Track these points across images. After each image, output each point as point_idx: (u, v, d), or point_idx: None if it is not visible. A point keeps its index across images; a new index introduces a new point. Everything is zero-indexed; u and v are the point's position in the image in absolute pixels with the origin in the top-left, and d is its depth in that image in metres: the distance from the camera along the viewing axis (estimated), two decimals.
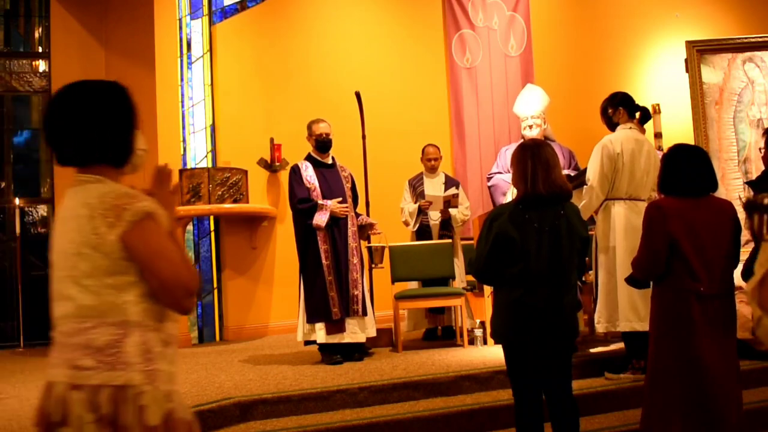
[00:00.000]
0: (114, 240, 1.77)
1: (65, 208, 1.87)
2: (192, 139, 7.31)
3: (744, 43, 6.99)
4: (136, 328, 1.80)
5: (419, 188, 6.45)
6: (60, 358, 1.80)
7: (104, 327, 1.78)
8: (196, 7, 7.43)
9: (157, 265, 1.79)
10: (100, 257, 1.78)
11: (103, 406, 1.74)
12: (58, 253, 1.86)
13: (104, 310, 1.79)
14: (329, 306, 5.20)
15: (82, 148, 1.87)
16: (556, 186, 3.14)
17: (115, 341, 1.77)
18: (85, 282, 1.79)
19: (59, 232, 1.87)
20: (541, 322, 3.12)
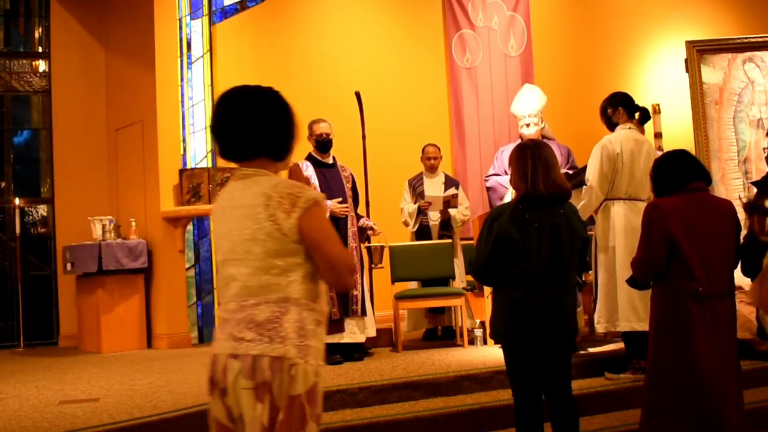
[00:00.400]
0: (291, 225, 1.98)
1: (233, 198, 2.07)
2: (192, 139, 7.30)
3: (744, 43, 6.99)
4: (294, 306, 2.01)
5: (419, 188, 6.45)
6: (224, 333, 2.01)
7: (266, 304, 1.98)
8: (196, 7, 7.43)
9: (326, 245, 2.00)
10: (273, 241, 1.99)
11: (261, 374, 1.93)
12: (226, 238, 2.07)
13: (269, 289, 1.99)
14: (328, 306, 5.19)
15: (249, 144, 2.10)
16: (556, 186, 3.14)
17: (275, 317, 1.97)
18: (256, 264, 2.00)
19: (229, 220, 2.06)
20: (541, 322, 3.12)
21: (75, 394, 4.53)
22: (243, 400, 1.94)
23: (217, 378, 2.00)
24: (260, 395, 1.92)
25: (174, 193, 6.92)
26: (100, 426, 3.59)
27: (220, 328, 2.06)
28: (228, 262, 2.07)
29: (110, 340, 6.64)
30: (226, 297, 2.06)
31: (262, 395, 1.92)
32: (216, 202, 2.18)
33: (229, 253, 2.06)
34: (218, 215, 2.13)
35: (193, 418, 3.85)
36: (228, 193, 2.12)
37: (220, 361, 1.99)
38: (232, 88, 2.25)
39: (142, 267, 6.84)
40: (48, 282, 7.62)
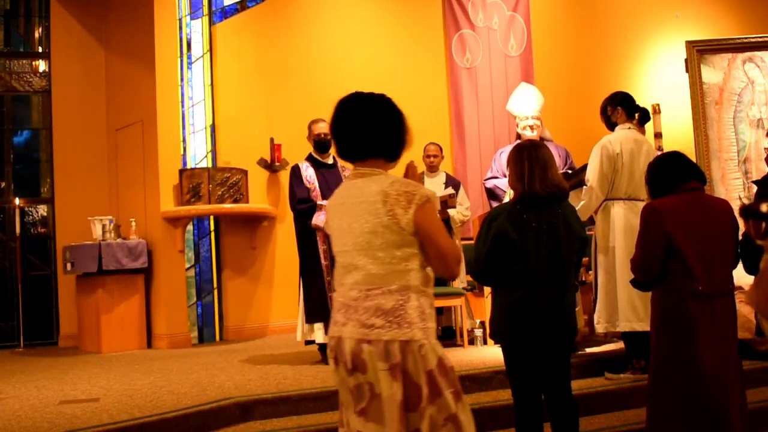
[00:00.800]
0: (408, 219, 2.21)
1: (351, 195, 2.31)
2: (192, 139, 7.30)
3: (744, 43, 6.99)
4: (414, 293, 2.24)
5: None
6: (348, 318, 2.25)
7: (391, 294, 2.22)
8: (196, 7, 7.43)
9: (437, 238, 2.23)
10: (392, 234, 2.22)
11: (393, 356, 2.17)
12: (347, 231, 2.29)
13: (390, 278, 2.23)
14: (328, 306, 5.19)
15: (367, 146, 2.34)
16: (552, 185, 3.15)
17: (400, 305, 2.21)
18: (378, 254, 2.23)
19: (349, 214, 2.30)
20: (540, 322, 3.12)
21: (75, 394, 4.53)
22: (382, 380, 2.18)
23: (342, 358, 2.25)
24: (395, 375, 2.17)
25: (174, 193, 6.92)
26: (100, 426, 3.59)
27: (341, 312, 2.29)
28: (348, 252, 2.30)
29: (110, 340, 6.65)
30: (346, 284, 2.30)
31: (397, 375, 2.17)
32: (333, 198, 2.40)
33: (351, 244, 2.29)
34: (336, 210, 2.36)
35: (193, 418, 3.85)
36: (346, 189, 2.36)
37: (348, 344, 2.23)
38: (352, 95, 2.46)
39: (142, 267, 6.85)
40: (48, 282, 7.63)
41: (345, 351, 2.24)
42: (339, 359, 2.28)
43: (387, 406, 2.17)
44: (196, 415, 3.86)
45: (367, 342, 2.20)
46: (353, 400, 2.24)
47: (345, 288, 2.30)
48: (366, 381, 2.21)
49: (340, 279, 2.34)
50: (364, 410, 2.21)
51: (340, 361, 2.27)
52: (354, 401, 2.24)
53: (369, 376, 2.20)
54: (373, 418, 2.19)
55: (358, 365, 2.22)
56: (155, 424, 3.70)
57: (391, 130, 2.37)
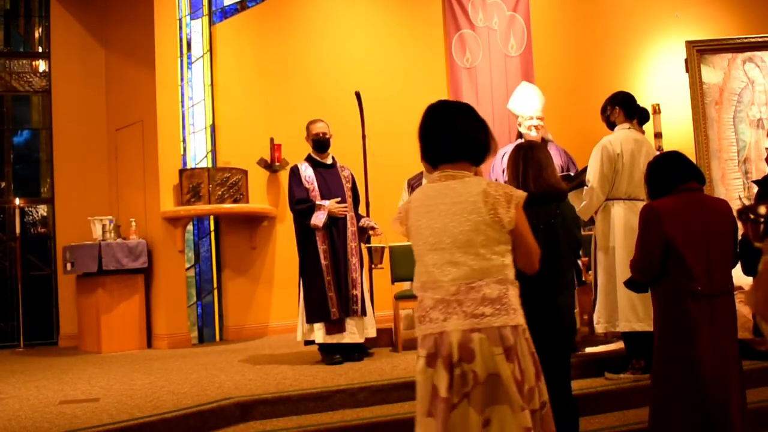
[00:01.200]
0: (511, 218, 2.38)
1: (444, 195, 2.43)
2: (192, 139, 7.30)
3: (744, 43, 6.99)
4: (510, 284, 2.40)
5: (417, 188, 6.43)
6: (449, 313, 2.35)
7: (493, 284, 2.36)
8: (196, 7, 7.43)
9: (527, 236, 2.46)
10: (493, 231, 2.37)
11: (507, 340, 2.31)
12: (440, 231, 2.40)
13: (491, 271, 2.37)
14: (328, 306, 5.20)
15: (457, 150, 2.49)
16: (547, 185, 3.16)
17: (503, 294, 2.36)
18: (479, 251, 2.36)
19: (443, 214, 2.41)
20: (538, 321, 3.11)
21: (75, 394, 4.53)
22: (498, 363, 2.29)
23: (444, 352, 2.31)
24: (510, 357, 2.31)
25: (174, 193, 6.93)
26: (100, 426, 3.59)
27: (437, 310, 2.37)
28: (446, 250, 2.39)
29: (110, 340, 6.65)
30: (444, 281, 2.38)
31: (512, 357, 2.31)
32: (418, 199, 2.51)
33: (448, 242, 2.39)
34: (424, 210, 2.46)
35: (193, 418, 3.85)
36: (435, 191, 2.46)
37: (454, 336, 2.31)
38: (441, 102, 2.63)
39: (142, 267, 6.85)
40: (48, 282, 7.63)
41: (450, 343, 2.32)
42: (438, 354, 2.34)
43: (507, 385, 2.29)
44: (196, 415, 3.86)
45: (477, 330, 2.31)
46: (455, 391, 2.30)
47: (443, 285, 2.38)
48: (470, 369, 2.30)
49: (432, 278, 2.40)
50: (466, 395, 2.30)
51: (439, 355, 2.33)
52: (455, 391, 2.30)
53: (476, 364, 2.29)
54: (472, 402, 2.29)
55: (464, 355, 2.31)
56: (155, 424, 3.71)
57: (479, 137, 2.52)
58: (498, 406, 2.29)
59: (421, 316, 2.41)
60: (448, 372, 2.31)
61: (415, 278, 2.48)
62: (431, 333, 2.37)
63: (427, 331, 2.38)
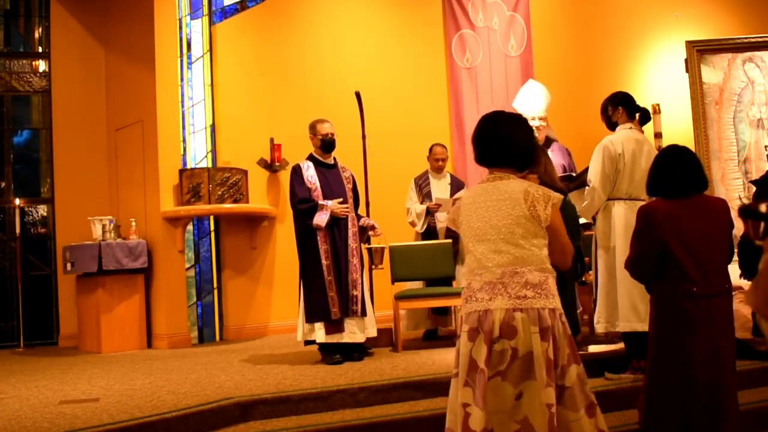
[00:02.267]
0: (547, 215, 2.69)
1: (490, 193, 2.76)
2: (192, 139, 7.30)
3: (744, 43, 7.00)
4: (549, 273, 2.70)
5: (425, 188, 6.44)
6: (495, 294, 2.66)
7: (535, 271, 2.67)
8: (196, 7, 7.43)
9: (562, 233, 2.77)
10: (531, 225, 2.70)
11: (544, 320, 2.61)
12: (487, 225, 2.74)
13: (532, 260, 2.68)
14: (328, 306, 5.20)
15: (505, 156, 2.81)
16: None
17: (543, 280, 2.67)
18: (519, 241, 2.69)
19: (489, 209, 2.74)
20: None
21: (75, 394, 4.53)
22: (533, 341, 2.57)
23: (486, 328, 2.61)
24: (545, 336, 2.59)
25: (174, 193, 6.93)
26: (100, 426, 3.59)
27: (484, 290, 2.68)
28: (492, 240, 2.72)
29: (110, 340, 6.65)
30: (490, 266, 2.70)
31: (546, 336, 2.59)
32: (469, 197, 2.84)
33: (494, 234, 2.72)
34: (473, 207, 2.80)
35: (193, 418, 3.85)
36: (483, 190, 2.81)
37: (498, 314, 2.62)
38: (496, 113, 2.92)
39: (142, 267, 6.85)
40: (48, 282, 7.63)
41: (493, 321, 2.62)
42: (480, 329, 2.63)
43: (537, 361, 2.57)
44: (196, 415, 3.86)
45: (520, 310, 2.61)
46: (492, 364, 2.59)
47: (490, 269, 2.70)
48: (510, 346, 2.58)
49: (480, 264, 2.73)
50: (500, 372, 2.59)
51: (481, 331, 2.63)
52: (492, 365, 2.59)
53: (516, 340, 2.58)
54: (507, 376, 2.59)
55: (506, 332, 2.60)
56: (155, 424, 3.71)
57: (526, 145, 2.84)
58: (529, 382, 2.57)
59: (468, 296, 2.73)
60: (488, 346, 2.59)
61: (465, 266, 2.81)
62: (476, 310, 2.68)
63: (472, 308, 2.69)
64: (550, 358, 2.58)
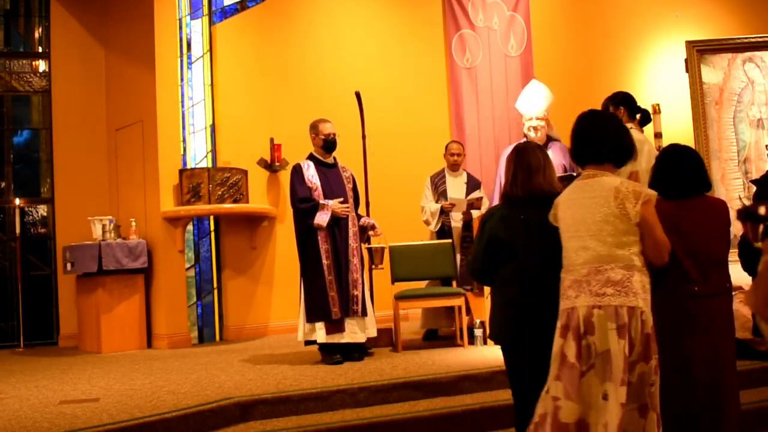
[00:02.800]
0: (636, 212, 2.75)
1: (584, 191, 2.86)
2: (192, 139, 7.30)
3: (744, 43, 6.99)
4: (637, 271, 2.75)
5: (441, 187, 6.44)
6: (580, 291, 2.76)
7: (618, 269, 2.73)
8: (196, 7, 7.43)
9: (654, 230, 2.80)
10: (621, 222, 2.76)
11: (621, 318, 2.67)
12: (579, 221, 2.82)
13: (617, 258, 2.74)
14: (329, 306, 5.20)
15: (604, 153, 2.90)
16: (537, 190, 3.15)
17: (626, 279, 2.72)
18: (607, 239, 2.76)
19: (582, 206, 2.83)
20: (537, 320, 3.12)
21: (75, 394, 4.53)
22: (609, 337, 2.67)
23: (573, 324, 2.73)
24: (621, 333, 2.66)
25: (174, 193, 6.93)
26: (100, 426, 3.59)
27: (572, 288, 2.80)
28: (581, 237, 2.81)
29: (110, 340, 6.65)
30: (577, 263, 2.81)
31: (623, 333, 2.66)
32: (566, 194, 2.94)
33: (584, 230, 2.80)
34: (569, 203, 2.90)
35: (193, 418, 3.85)
36: (578, 188, 2.90)
37: (581, 311, 2.73)
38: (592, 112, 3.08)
39: (142, 267, 6.85)
40: (48, 282, 7.62)
41: (578, 317, 2.73)
42: (569, 326, 2.75)
43: (614, 359, 2.65)
44: (196, 415, 3.86)
45: (598, 307, 2.70)
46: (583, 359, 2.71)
47: (576, 267, 2.81)
48: (592, 341, 2.69)
49: (570, 260, 2.84)
50: (592, 366, 2.70)
51: (570, 327, 2.75)
52: (583, 360, 2.71)
53: (595, 337, 2.68)
54: (597, 372, 2.69)
55: (588, 328, 2.71)
56: (155, 424, 3.71)
57: (624, 143, 2.93)
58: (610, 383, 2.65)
59: (561, 293, 2.85)
60: (577, 342, 2.72)
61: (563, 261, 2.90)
62: (565, 308, 2.80)
63: (563, 306, 2.82)
64: (626, 356, 2.66)
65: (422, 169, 6.77)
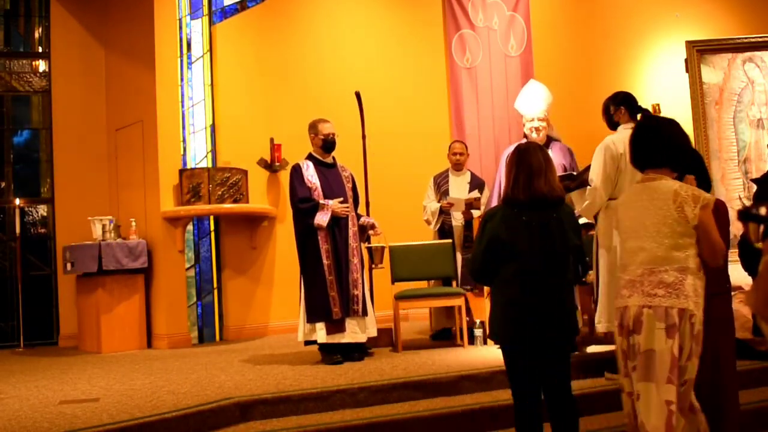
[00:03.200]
0: (695, 215, 2.81)
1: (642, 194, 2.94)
2: (192, 139, 7.30)
3: (744, 43, 6.99)
4: (690, 274, 2.82)
5: (444, 186, 6.44)
6: (633, 291, 2.86)
7: (672, 271, 2.81)
8: (196, 7, 7.43)
9: (711, 234, 2.84)
10: (678, 225, 2.82)
11: (671, 318, 2.75)
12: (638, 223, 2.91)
13: (671, 260, 2.82)
14: (329, 306, 5.19)
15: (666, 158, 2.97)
16: (538, 193, 3.15)
17: (678, 281, 2.80)
18: (664, 241, 2.83)
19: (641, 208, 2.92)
20: (537, 320, 3.12)
21: (75, 394, 4.53)
22: (656, 336, 2.75)
23: (626, 322, 2.85)
24: (670, 333, 2.74)
25: (174, 193, 6.92)
26: (100, 426, 3.59)
27: (626, 288, 2.90)
28: (639, 238, 2.89)
29: (110, 340, 6.65)
30: (633, 264, 2.89)
31: (672, 333, 2.74)
32: (625, 197, 3.07)
33: (642, 232, 2.89)
34: (628, 206, 2.99)
35: (193, 418, 3.85)
36: (637, 191, 2.98)
37: (632, 311, 2.84)
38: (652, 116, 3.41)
39: (142, 267, 6.85)
40: (48, 282, 7.62)
41: (629, 316, 2.84)
42: (622, 325, 2.87)
43: (659, 358, 2.74)
44: (196, 415, 3.86)
45: (648, 307, 2.79)
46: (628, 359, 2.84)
47: (632, 267, 2.90)
48: (637, 341, 2.80)
49: (627, 261, 2.93)
50: (635, 367, 2.81)
51: (623, 326, 2.87)
52: (629, 359, 2.84)
53: (641, 336, 2.78)
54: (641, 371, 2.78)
55: (635, 327, 2.81)
56: (155, 424, 3.71)
57: (684, 148, 3.02)
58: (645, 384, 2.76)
59: (617, 292, 2.97)
60: (627, 340, 2.85)
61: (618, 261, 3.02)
62: (618, 307, 2.92)
63: (617, 305, 2.93)
64: (674, 356, 2.72)
65: (422, 169, 6.77)
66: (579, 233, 3.31)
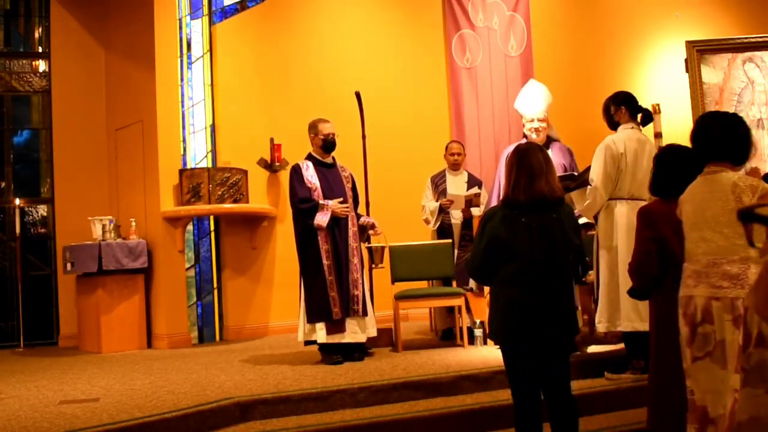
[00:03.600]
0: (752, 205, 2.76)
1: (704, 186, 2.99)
2: (192, 139, 7.30)
3: (744, 43, 7.00)
4: (753, 263, 2.82)
5: (441, 186, 6.44)
6: (699, 282, 2.91)
7: (735, 263, 2.85)
8: (196, 7, 7.43)
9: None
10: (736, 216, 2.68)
11: (737, 310, 2.77)
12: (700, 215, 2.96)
13: (734, 250, 2.86)
14: (330, 306, 5.19)
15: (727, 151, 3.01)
16: (538, 194, 3.14)
17: (743, 271, 2.84)
18: (724, 231, 2.89)
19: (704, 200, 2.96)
20: (537, 321, 3.12)
21: (75, 394, 4.53)
22: (726, 328, 2.80)
23: (690, 312, 2.92)
24: (737, 324, 2.73)
25: (174, 193, 6.93)
26: (100, 426, 3.59)
27: (692, 278, 2.95)
28: (701, 229, 2.95)
29: (110, 340, 6.65)
30: (698, 254, 2.95)
31: (738, 325, 2.71)
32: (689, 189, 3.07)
33: (703, 223, 2.94)
34: (690, 198, 3.04)
35: (193, 418, 3.85)
36: (700, 183, 3.03)
37: (699, 301, 2.89)
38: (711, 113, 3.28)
39: (142, 267, 6.85)
40: (48, 282, 7.62)
41: (695, 306, 2.91)
42: (687, 313, 2.94)
43: (729, 348, 2.79)
44: (196, 415, 3.86)
45: (716, 299, 2.85)
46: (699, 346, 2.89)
47: (697, 258, 2.95)
48: (712, 330, 2.85)
49: (693, 250, 2.98)
50: (709, 353, 2.86)
51: (687, 314, 2.93)
52: (700, 346, 2.88)
53: (715, 326, 2.83)
54: (715, 359, 2.83)
55: (706, 317, 2.87)
56: (155, 424, 3.71)
57: (744, 141, 3.07)
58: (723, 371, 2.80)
59: (682, 282, 3.01)
60: (690, 329, 2.91)
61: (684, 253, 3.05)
62: (683, 295, 2.97)
63: (681, 293, 2.99)
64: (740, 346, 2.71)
65: (422, 169, 6.77)
66: (579, 233, 3.31)
